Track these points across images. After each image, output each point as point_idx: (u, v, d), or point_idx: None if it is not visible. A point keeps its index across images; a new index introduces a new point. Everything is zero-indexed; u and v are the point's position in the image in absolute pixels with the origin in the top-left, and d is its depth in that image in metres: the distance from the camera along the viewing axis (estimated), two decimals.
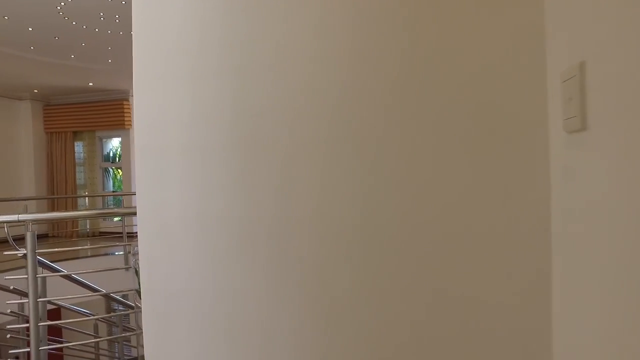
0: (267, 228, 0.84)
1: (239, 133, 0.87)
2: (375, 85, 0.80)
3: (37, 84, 7.25)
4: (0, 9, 4.26)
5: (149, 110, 0.92)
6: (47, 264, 2.20)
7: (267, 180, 0.84)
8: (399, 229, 0.78)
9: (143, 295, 0.93)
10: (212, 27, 0.89)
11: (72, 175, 8.12)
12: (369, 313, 0.80)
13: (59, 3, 4.10)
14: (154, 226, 0.90)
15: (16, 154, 7.96)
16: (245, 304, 0.86)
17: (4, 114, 7.78)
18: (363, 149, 0.80)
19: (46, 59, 5.83)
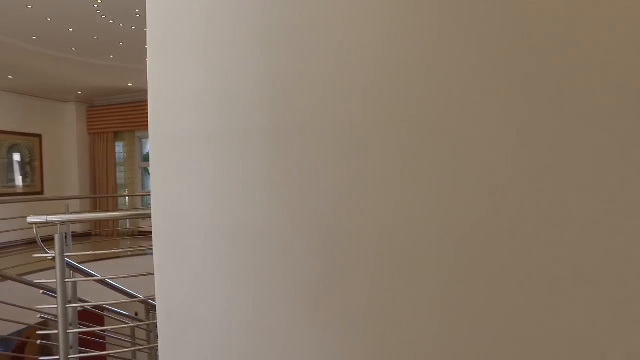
0: (318, 243, 0.64)
1: (278, 115, 0.68)
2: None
3: (80, 86, 7.51)
4: (42, 10, 4.36)
5: (162, 84, 0.75)
6: (77, 267, 2.13)
7: (319, 177, 0.64)
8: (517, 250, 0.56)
9: (159, 321, 0.76)
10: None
11: (113, 175, 8.38)
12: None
13: (96, 1, 4.14)
14: (170, 238, 0.73)
15: (63, 154, 8.32)
16: (286, 350, 0.66)
17: (52, 116, 8.15)
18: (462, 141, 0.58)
19: (87, 60, 5.99)
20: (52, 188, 7.98)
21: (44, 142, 7.97)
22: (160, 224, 0.74)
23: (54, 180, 8.08)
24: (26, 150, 7.67)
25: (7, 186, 7.33)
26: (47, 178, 7.97)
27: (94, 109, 8.58)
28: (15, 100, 7.49)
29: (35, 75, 6.62)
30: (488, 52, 0.57)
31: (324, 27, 0.66)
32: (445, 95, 0.60)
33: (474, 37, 0.58)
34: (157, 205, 0.74)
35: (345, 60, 0.64)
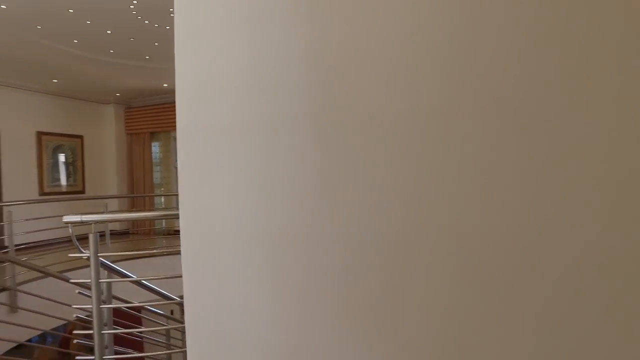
0: (380, 256, 0.52)
1: (330, 101, 0.57)
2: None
3: (118, 88, 7.73)
4: (82, 14, 4.48)
5: (191, 69, 0.65)
6: (112, 267, 2.11)
7: (381, 175, 0.52)
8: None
9: (188, 346, 0.67)
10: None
11: (149, 175, 8.60)
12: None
13: (132, 2, 4.20)
14: (201, 248, 0.64)
15: (102, 155, 8.62)
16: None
17: (93, 117, 8.46)
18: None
19: (124, 61, 6.13)
20: (92, 187, 8.28)
21: (85, 142, 8.28)
22: (189, 232, 0.65)
23: (94, 179, 8.38)
24: (69, 151, 7.99)
25: (53, 185, 7.65)
26: (88, 177, 8.28)
27: (131, 109, 8.82)
28: (60, 103, 7.82)
29: (77, 78, 6.87)
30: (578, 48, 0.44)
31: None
32: (533, 82, 0.47)
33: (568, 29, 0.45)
34: (186, 209, 0.65)
35: (414, 34, 0.52)
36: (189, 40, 0.69)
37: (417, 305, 0.51)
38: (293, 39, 0.60)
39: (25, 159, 7.21)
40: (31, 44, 5.28)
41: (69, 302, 2.53)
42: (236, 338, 0.63)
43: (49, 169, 7.60)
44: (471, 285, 0.49)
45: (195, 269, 0.65)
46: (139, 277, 2.16)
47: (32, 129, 7.33)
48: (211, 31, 0.66)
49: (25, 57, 5.74)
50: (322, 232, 0.56)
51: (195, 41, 0.68)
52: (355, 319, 0.55)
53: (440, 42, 0.51)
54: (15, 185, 7.01)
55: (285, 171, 0.59)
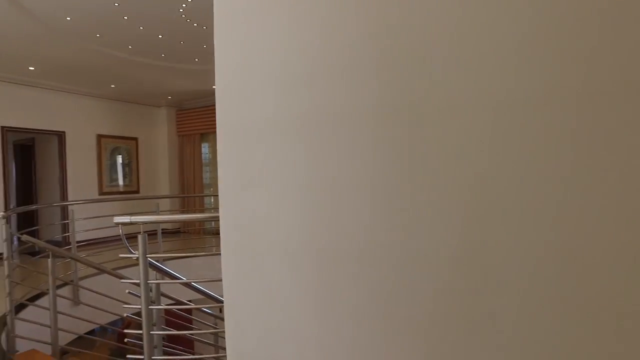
0: (444, 277, 0.43)
1: (391, 92, 0.48)
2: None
3: (170, 91, 8.06)
4: (135, 20, 4.68)
5: (232, 59, 0.59)
6: (161, 268, 2.14)
7: (449, 181, 0.43)
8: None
9: (228, 355, 0.61)
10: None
11: (199, 175, 8.90)
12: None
13: (181, 5, 4.31)
14: (244, 262, 0.57)
15: (155, 156, 9.04)
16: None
17: (147, 120, 8.89)
18: None
19: (175, 65, 6.36)
20: (146, 187, 8.71)
21: (140, 144, 8.71)
22: (229, 240, 0.59)
23: (148, 179, 8.81)
24: (125, 153, 8.44)
25: (111, 185, 8.13)
26: (142, 178, 8.71)
27: (182, 112, 9.17)
28: (117, 106, 8.29)
29: (132, 82, 7.23)
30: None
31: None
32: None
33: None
34: (226, 216, 0.59)
35: (486, 14, 0.42)
36: (228, 28, 0.63)
37: (488, 335, 0.42)
38: (343, 20, 0.52)
39: (86, 161, 7.71)
40: (91, 52, 5.61)
41: (124, 298, 2.63)
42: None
43: (107, 169, 8.08)
44: (560, 317, 0.38)
45: (235, 283, 0.59)
46: (188, 279, 2.18)
47: (92, 132, 7.83)
48: (250, 16, 0.59)
49: (86, 64, 6.12)
50: (378, 248, 0.48)
51: (234, 29, 0.62)
52: (414, 350, 0.46)
53: (526, 27, 0.41)
54: (78, 186, 7.51)
55: (334, 175, 0.51)
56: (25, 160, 8.12)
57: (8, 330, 2.97)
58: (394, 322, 0.48)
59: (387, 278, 0.47)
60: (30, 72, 6.38)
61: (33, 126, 6.91)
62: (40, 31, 4.84)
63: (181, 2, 4.30)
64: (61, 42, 5.21)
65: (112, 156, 8.18)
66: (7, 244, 3.03)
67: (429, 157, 0.45)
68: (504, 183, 0.43)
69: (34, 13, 4.42)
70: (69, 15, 4.49)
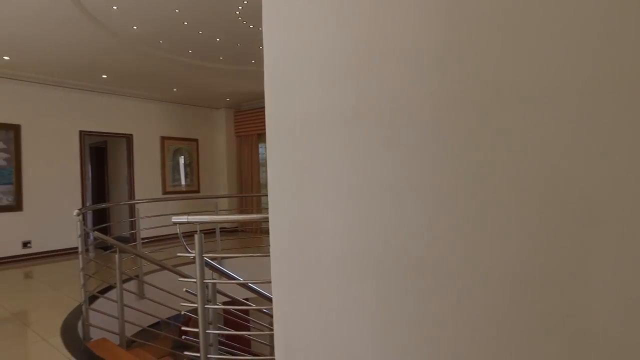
0: (514, 293, 0.36)
1: (454, 78, 0.41)
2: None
3: (228, 92, 8.35)
4: (195, 25, 4.88)
5: (282, 45, 0.55)
6: (217, 268, 2.19)
7: (525, 181, 0.36)
8: None
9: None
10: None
11: (256, 175, 9.14)
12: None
13: (237, 7, 4.42)
14: (294, 268, 0.53)
15: (214, 156, 9.42)
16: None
17: (207, 122, 9.30)
18: None
19: (233, 67, 6.57)
20: (205, 187, 9.11)
21: (200, 145, 9.13)
22: (281, 251, 0.54)
23: (208, 179, 9.21)
24: (187, 153, 8.88)
25: (174, 185, 8.59)
26: (202, 178, 9.12)
27: (240, 113, 9.47)
28: (178, 109, 8.74)
29: (193, 85, 7.58)
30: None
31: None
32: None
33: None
34: (276, 222, 0.55)
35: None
36: (276, 17, 0.59)
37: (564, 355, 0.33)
38: (401, 7, 0.46)
39: (151, 161, 8.20)
40: (155, 58, 5.95)
41: (184, 295, 2.73)
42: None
43: (170, 170, 8.54)
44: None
45: (285, 293, 0.54)
46: (244, 280, 2.20)
47: (156, 134, 8.32)
48: (299, 4, 0.55)
49: (151, 70, 6.51)
50: (443, 257, 0.41)
51: (285, 12, 0.58)
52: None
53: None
54: (144, 185, 8.02)
55: (395, 176, 0.45)
56: (99, 161, 8.83)
57: (83, 318, 3.21)
58: (464, 347, 0.41)
59: (457, 295, 0.40)
60: (103, 79, 6.91)
61: (105, 130, 7.48)
62: (112, 41, 5.21)
63: (237, 4, 4.41)
64: (129, 51, 5.57)
65: (174, 157, 8.64)
66: (81, 239, 3.28)
67: (502, 154, 0.37)
68: (594, 184, 0.34)
69: (107, 25, 4.76)
70: (135, 24, 4.79)
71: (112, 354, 2.88)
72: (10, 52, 5.52)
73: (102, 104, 7.43)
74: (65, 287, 4.56)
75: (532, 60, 0.39)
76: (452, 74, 0.43)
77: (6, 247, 6.19)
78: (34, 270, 5.71)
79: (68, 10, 4.31)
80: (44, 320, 3.46)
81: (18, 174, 6.36)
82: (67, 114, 6.95)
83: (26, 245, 6.39)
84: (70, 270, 5.38)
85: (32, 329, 3.27)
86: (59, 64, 6.05)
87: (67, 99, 6.96)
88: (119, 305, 3.29)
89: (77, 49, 5.43)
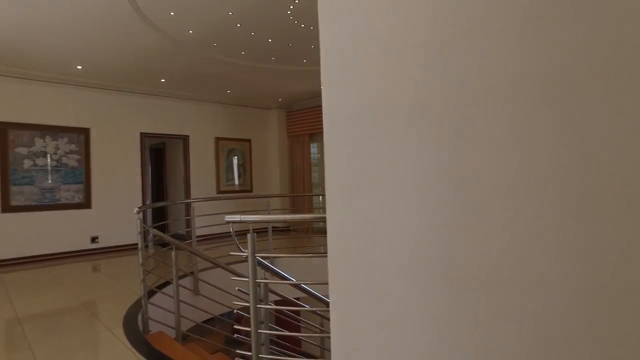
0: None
1: (541, 57, 0.36)
2: None
3: (280, 93, 8.49)
4: (247, 27, 5.00)
5: (339, 30, 0.52)
6: (270, 268, 2.20)
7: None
8: None
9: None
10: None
11: (308, 175, 9.21)
12: None
13: (289, 7, 4.47)
14: (352, 276, 0.49)
15: (266, 156, 9.62)
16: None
17: (259, 122, 9.52)
18: None
19: (284, 67, 6.66)
20: (258, 186, 9.33)
21: (253, 145, 9.36)
22: (339, 256, 0.51)
23: (260, 179, 9.43)
24: (240, 154, 9.15)
25: (227, 185, 8.88)
26: (255, 177, 9.35)
27: (292, 113, 9.60)
28: (232, 110, 9.03)
29: (246, 87, 7.79)
30: None
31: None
32: None
33: None
34: (334, 224, 0.51)
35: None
36: (332, 6, 0.56)
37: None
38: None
39: (206, 161, 8.54)
40: (210, 61, 6.18)
41: (236, 292, 2.80)
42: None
43: (224, 169, 8.84)
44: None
45: (344, 301, 0.51)
46: (296, 280, 2.20)
47: (211, 135, 8.64)
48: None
49: (206, 73, 6.77)
50: (534, 269, 0.35)
51: (338, 5, 0.55)
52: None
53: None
54: (199, 184, 8.36)
55: (467, 170, 0.40)
56: (158, 161, 9.34)
57: (143, 312, 3.39)
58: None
59: (551, 312, 0.34)
60: (161, 84, 7.29)
61: (163, 131, 7.89)
62: (169, 46, 5.48)
63: (289, 4, 4.45)
64: (185, 54, 5.83)
65: (228, 157, 8.93)
66: (140, 236, 3.46)
67: (604, 148, 0.31)
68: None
69: (166, 31, 5.01)
70: (190, 29, 4.99)
71: (169, 347, 3.01)
72: (83, 62, 5.99)
73: (160, 106, 7.85)
74: (127, 280, 4.86)
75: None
76: (536, 52, 0.37)
77: (77, 241, 6.73)
78: (101, 263, 6.15)
79: (131, 18, 4.59)
80: (109, 312, 3.70)
81: (87, 174, 6.88)
82: (129, 117, 7.41)
83: (94, 240, 6.90)
84: (131, 265, 5.73)
85: (99, 319, 3.50)
86: (122, 71, 6.47)
87: (129, 103, 7.43)
88: (175, 300, 3.43)
89: (138, 55, 5.77)
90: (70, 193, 6.72)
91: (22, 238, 6.25)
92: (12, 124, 6.22)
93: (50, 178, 6.55)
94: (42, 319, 3.59)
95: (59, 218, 6.60)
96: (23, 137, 6.32)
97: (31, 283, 4.98)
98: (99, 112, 7.07)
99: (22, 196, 6.29)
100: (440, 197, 0.41)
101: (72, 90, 6.80)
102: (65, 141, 6.69)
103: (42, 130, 6.49)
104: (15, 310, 3.81)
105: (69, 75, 6.58)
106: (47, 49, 5.45)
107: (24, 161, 6.33)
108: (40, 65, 6.05)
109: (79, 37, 5.08)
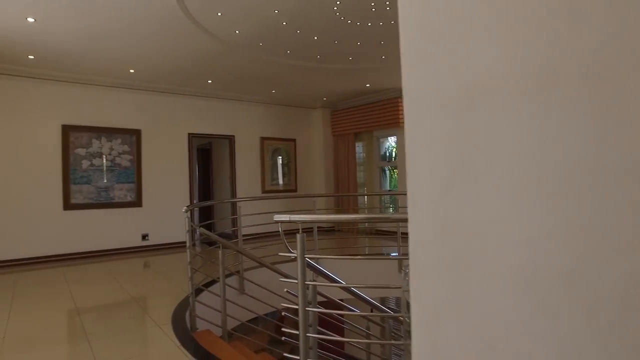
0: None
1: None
2: None
3: (325, 92, 8.46)
4: (293, 24, 5.00)
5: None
6: (319, 270, 2.15)
7: None
8: None
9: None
10: None
11: (353, 174, 9.12)
12: None
13: (335, 2, 4.41)
14: (440, 275, 0.42)
15: (311, 156, 9.63)
16: None
17: (304, 122, 9.55)
18: None
19: (330, 65, 6.62)
20: (302, 186, 9.35)
21: (297, 145, 9.40)
22: (424, 263, 0.44)
23: (304, 178, 9.45)
24: (285, 153, 9.21)
25: (272, 184, 8.97)
26: (300, 177, 9.38)
27: (336, 112, 9.55)
28: (277, 110, 9.11)
29: (290, 86, 7.83)
30: None
31: None
32: None
33: None
34: (418, 226, 0.44)
35: None
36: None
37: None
38: None
39: (251, 161, 8.67)
40: (255, 61, 6.25)
41: (281, 292, 2.77)
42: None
43: (269, 169, 8.94)
44: None
45: (428, 318, 0.44)
46: (348, 284, 2.14)
47: (256, 135, 8.76)
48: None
49: (251, 73, 6.86)
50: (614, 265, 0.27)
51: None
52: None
53: None
54: (245, 184, 8.50)
55: (603, 159, 0.32)
56: (205, 161, 9.61)
57: (190, 310, 3.46)
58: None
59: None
60: (208, 85, 7.48)
61: (210, 132, 8.09)
62: (217, 47, 5.60)
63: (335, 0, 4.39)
64: (231, 55, 5.93)
65: (273, 156, 9.02)
66: (188, 234, 3.53)
67: None
68: None
69: (214, 33, 5.11)
70: (237, 29, 5.06)
71: (215, 345, 3.04)
72: (135, 65, 6.26)
73: (207, 107, 8.06)
74: (175, 277, 5.00)
75: None
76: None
77: (129, 238, 7.05)
78: (151, 260, 6.39)
79: (181, 22, 4.72)
80: (158, 308, 3.82)
81: (139, 174, 7.19)
82: (177, 118, 7.67)
83: (145, 237, 7.20)
84: (179, 262, 5.91)
85: (149, 315, 3.61)
86: (171, 73, 6.69)
87: (177, 104, 7.68)
88: (222, 299, 3.47)
89: (187, 57, 5.94)
90: (123, 192, 7.05)
91: (80, 234, 6.64)
92: (72, 126, 6.62)
93: (105, 177, 6.91)
94: (98, 311, 3.76)
95: (113, 216, 6.94)
96: (82, 138, 6.71)
97: (88, 277, 5.26)
98: (149, 114, 7.37)
99: (80, 195, 6.68)
100: (577, 192, 0.32)
101: (125, 93, 7.14)
102: (118, 142, 7.03)
103: (98, 131, 6.85)
104: (75, 302, 4.03)
105: (122, 79, 6.91)
106: (105, 56, 5.74)
107: (82, 161, 6.72)
108: (97, 70, 6.40)
109: (132, 43, 5.31)
